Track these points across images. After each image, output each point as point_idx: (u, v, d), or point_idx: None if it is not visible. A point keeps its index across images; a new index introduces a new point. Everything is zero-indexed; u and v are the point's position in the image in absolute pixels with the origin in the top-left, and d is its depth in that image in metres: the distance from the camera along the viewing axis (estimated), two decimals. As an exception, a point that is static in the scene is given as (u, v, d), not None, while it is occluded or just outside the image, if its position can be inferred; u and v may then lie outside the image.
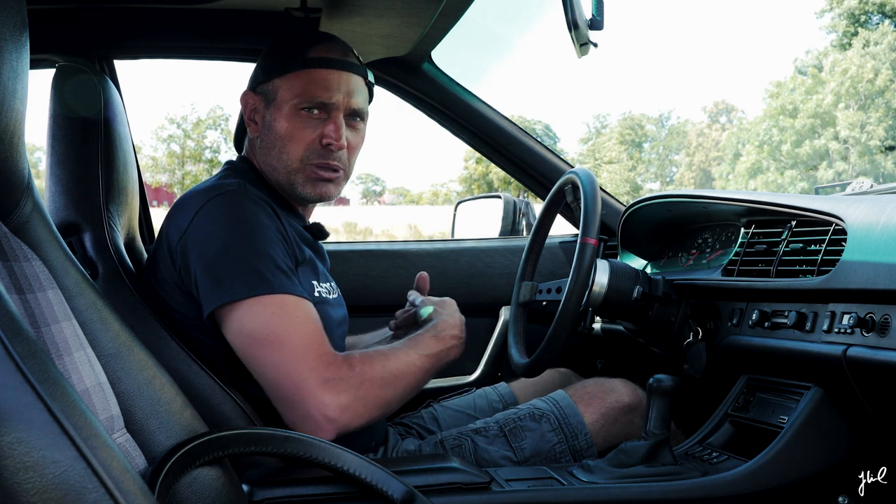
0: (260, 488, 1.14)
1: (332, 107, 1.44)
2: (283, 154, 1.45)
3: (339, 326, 1.51)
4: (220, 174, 1.50)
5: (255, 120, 1.49)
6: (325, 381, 1.25)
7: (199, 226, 1.32)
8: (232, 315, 1.28)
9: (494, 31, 3.79)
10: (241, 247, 1.29)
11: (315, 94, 1.43)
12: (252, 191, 1.38)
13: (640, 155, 40.25)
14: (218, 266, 1.29)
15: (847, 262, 1.23)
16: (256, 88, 1.49)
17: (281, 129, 1.44)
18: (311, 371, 1.25)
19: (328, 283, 1.51)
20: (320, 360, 1.26)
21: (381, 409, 1.33)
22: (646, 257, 2.00)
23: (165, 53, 1.96)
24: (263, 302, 1.27)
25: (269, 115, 1.46)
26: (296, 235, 1.43)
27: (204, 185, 1.43)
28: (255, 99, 1.49)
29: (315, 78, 1.43)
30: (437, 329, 1.46)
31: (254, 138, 1.50)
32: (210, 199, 1.34)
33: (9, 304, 0.61)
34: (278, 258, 1.31)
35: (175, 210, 1.40)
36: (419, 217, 32.71)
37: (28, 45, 0.74)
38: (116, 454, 0.62)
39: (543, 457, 1.49)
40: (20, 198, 0.83)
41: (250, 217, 1.32)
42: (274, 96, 1.46)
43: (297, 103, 1.43)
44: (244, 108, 1.51)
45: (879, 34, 26.23)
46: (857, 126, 25.30)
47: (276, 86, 1.45)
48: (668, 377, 1.33)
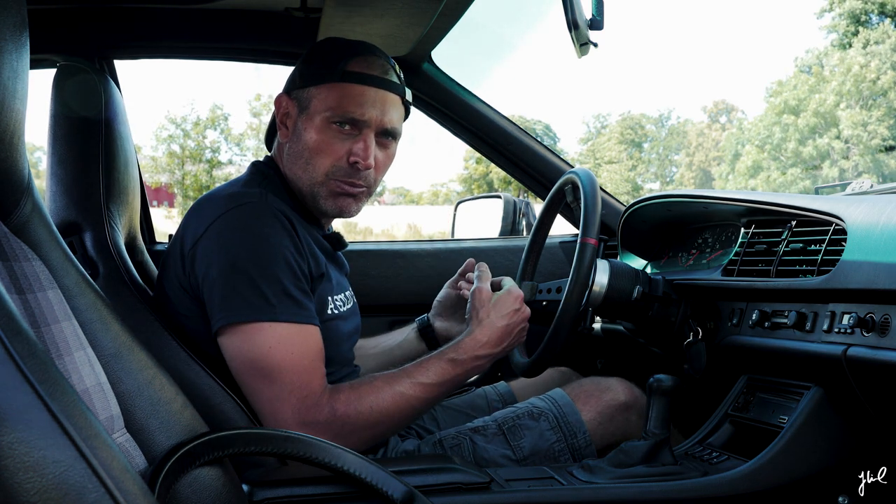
0: (260, 488, 1.14)
1: (364, 124, 1.41)
2: (309, 165, 1.42)
3: (350, 338, 1.50)
4: (245, 178, 1.48)
5: (287, 124, 1.46)
6: (302, 423, 1.27)
7: (214, 236, 1.31)
8: (232, 336, 1.29)
9: (494, 31, 3.75)
10: (251, 266, 1.28)
11: (348, 109, 1.40)
12: (273, 202, 1.36)
13: (640, 155, 40.24)
14: (225, 283, 1.29)
15: (847, 262, 1.23)
16: (291, 93, 1.46)
17: (310, 139, 1.41)
18: (293, 412, 1.27)
19: (343, 294, 1.50)
20: (304, 402, 1.28)
21: (364, 444, 1.33)
22: (646, 257, 2.00)
23: (165, 53, 1.96)
24: (265, 330, 1.27)
25: (300, 123, 1.44)
26: (313, 247, 1.41)
27: (227, 189, 1.42)
28: (288, 103, 1.46)
29: (350, 93, 1.40)
30: (459, 348, 1.40)
31: (283, 142, 1.48)
32: (230, 210, 1.33)
33: (9, 304, 0.61)
34: (287, 282, 1.30)
35: (195, 212, 1.39)
36: (419, 217, 32.69)
37: (28, 45, 0.74)
38: (116, 454, 0.62)
39: (542, 455, 1.49)
40: (20, 198, 0.83)
41: (266, 234, 1.31)
42: (307, 104, 1.43)
43: (329, 116, 1.40)
44: (277, 110, 1.48)
45: (880, 34, 26.22)
46: (860, 125, 25.30)
47: (310, 94, 1.43)
48: (668, 377, 1.33)
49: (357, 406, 1.30)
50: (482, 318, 1.43)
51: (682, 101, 69.80)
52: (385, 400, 1.32)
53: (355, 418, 1.30)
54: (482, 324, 1.42)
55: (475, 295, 1.45)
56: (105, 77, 1.48)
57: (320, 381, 1.31)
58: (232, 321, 1.28)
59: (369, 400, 1.32)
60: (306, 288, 1.35)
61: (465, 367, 1.39)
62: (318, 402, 1.29)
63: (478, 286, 1.47)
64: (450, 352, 1.40)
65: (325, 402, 1.29)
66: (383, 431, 1.36)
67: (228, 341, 1.30)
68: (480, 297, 1.45)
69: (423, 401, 1.36)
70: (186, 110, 41.66)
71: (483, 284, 1.47)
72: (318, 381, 1.31)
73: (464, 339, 1.41)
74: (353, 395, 1.31)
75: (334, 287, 1.46)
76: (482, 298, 1.45)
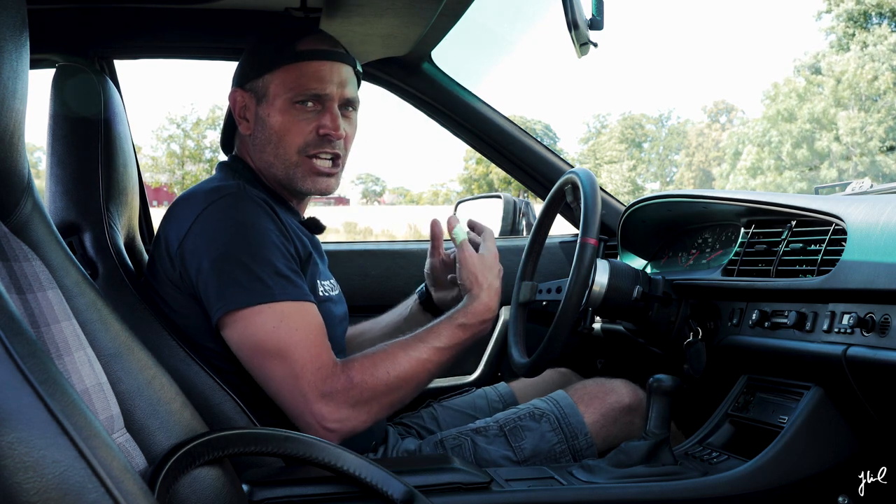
0: (260, 488, 1.14)
1: (327, 98, 1.44)
2: (279, 148, 1.44)
3: (341, 323, 1.51)
4: (217, 176, 1.49)
5: (247, 117, 1.48)
6: (322, 394, 1.27)
7: (200, 231, 1.32)
8: (234, 324, 1.30)
9: (494, 31, 3.78)
10: (242, 253, 1.29)
11: (309, 86, 1.43)
12: (251, 192, 1.38)
13: (640, 155, 40.24)
14: (219, 273, 1.29)
15: (847, 262, 1.23)
16: (245, 85, 1.48)
17: (276, 123, 1.44)
18: (310, 385, 1.27)
19: (329, 280, 1.52)
20: (319, 373, 1.28)
21: (385, 411, 1.35)
22: (646, 257, 2.00)
23: (165, 53, 1.96)
24: (265, 311, 1.28)
25: (261, 112, 1.45)
26: (297, 231, 1.43)
27: (202, 187, 1.43)
28: (244, 96, 1.48)
29: (307, 70, 1.43)
30: (468, 313, 1.42)
31: (246, 136, 1.49)
32: (211, 203, 1.34)
33: (9, 304, 0.61)
34: (279, 263, 1.31)
35: (173, 212, 1.39)
36: (419, 217, 32.70)
37: (28, 45, 0.74)
38: (116, 454, 0.62)
39: (543, 456, 1.49)
40: (20, 198, 0.83)
41: (251, 221, 1.32)
42: (265, 92, 1.45)
43: (292, 97, 1.43)
44: (233, 106, 1.50)
45: (878, 35, 26.21)
46: (858, 127, 25.30)
47: (266, 81, 1.45)
48: (668, 377, 1.33)
49: (373, 372, 1.31)
50: (483, 282, 1.45)
51: (682, 101, 69.91)
52: (402, 364, 1.34)
53: (373, 384, 1.31)
54: (488, 288, 1.45)
55: (468, 262, 1.46)
56: (104, 77, 1.48)
57: (329, 354, 1.32)
58: (231, 308, 1.29)
59: (385, 366, 1.33)
60: (297, 268, 1.36)
61: (473, 330, 1.42)
62: (332, 371, 1.29)
63: (467, 252, 1.47)
64: (459, 316, 1.42)
65: (340, 372, 1.30)
66: (402, 397, 1.36)
67: (231, 330, 1.30)
68: (475, 262, 1.46)
69: (436, 364, 1.38)
70: (187, 110, 41.70)
71: (469, 249, 1.48)
72: (327, 353, 1.31)
73: (472, 304, 1.43)
74: (367, 363, 1.32)
75: (321, 272, 1.48)
76: (476, 263, 1.46)
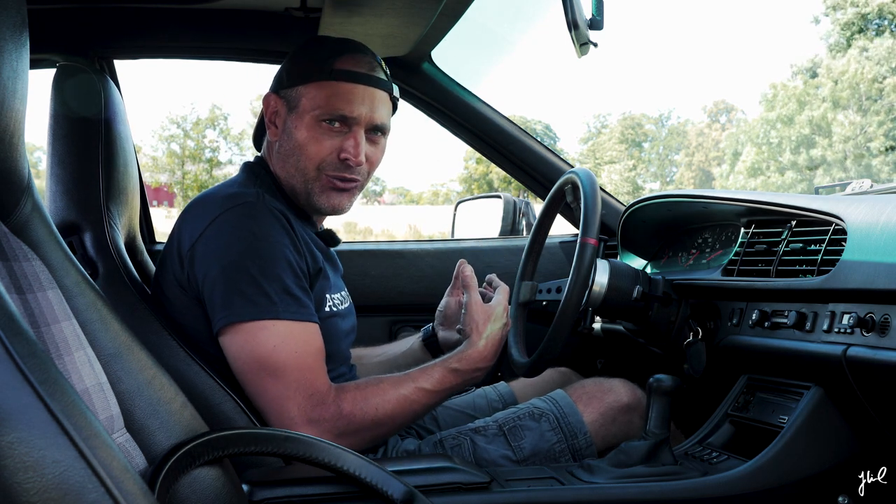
0: (260, 488, 1.14)
1: (354, 121, 1.42)
2: (299, 163, 1.43)
3: (347, 336, 1.51)
4: (238, 178, 1.48)
5: (276, 123, 1.47)
6: (309, 420, 1.28)
7: (213, 236, 1.32)
8: (234, 335, 1.30)
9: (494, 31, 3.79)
10: (252, 265, 1.29)
11: (337, 106, 1.41)
12: (269, 201, 1.37)
13: (640, 155, 40.23)
14: (227, 282, 1.29)
15: (847, 262, 1.23)
16: (279, 92, 1.47)
17: (300, 137, 1.42)
18: (299, 409, 1.28)
19: (339, 293, 1.51)
20: (310, 399, 1.28)
21: (365, 444, 1.35)
22: (646, 257, 2.00)
23: (165, 53, 1.96)
24: (268, 328, 1.28)
25: (290, 122, 1.44)
26: (311, 244, 1.42)
27: (223, 190, 1.43)
28: (277, 102, 1.47)
29: (339, 90, 1.41)
30: (462, 359, 1.42)
31: (273, 141, 1.49)
32: (227, 210, 1.33)
33: (9, 304, 0.61)
34: (288, 280, 1.31)
35: (189, 213, 1.39)
36: (419, 217, 32.72)
37: (28, 45, 0.74)
38: (116, 454, 0.62)
39: (543, 456, 1.49)
40: (20, 198, 0.83)
41: (265, 233, 1.32)
42: (296, 103, 1.44)
43: (319, 114, 1.41)
44: (266, 109, 1.49)
45: (876, 39, 26.21)
46: (856, 129, 25.30)
47: (299, 93, 1.43)
48: (668, 377, 1.33)
49: (363, 406, 1.32)
50: (483, 332, 1.45)
51: (682, 101, 69.90)
52: (390, 402, 1.34)
53: (360, 418, 1.31)
54: (487, 338, 1.44)
55: (473, 309, 1.46)
56: (105, 77, 1.48)
57: (325, 379, 1.32)
58: (234, 320, 1.29)
59: (374, 401, 1.33)
60: (306, 286, 1.36)
61: (464, 376, 1.42)
62: (324, 399, 1.30)
63: (473, 299, 1.47)
64: (453, 361, 1.42)
65: (332, 400, 1.30)
66: (384, 433, 1.37)
67: (231, 341, 1.30)
68: (478, 310, 1.46)
69: (423, 405, 1.39)
70: (187, 110, 41.72)
71: (476, 296, 1.48)
72: (323, 378, 1.32)
73: (468, 350, 1.43)
74: (359, 396, 1.32)
75: (331, 285, 1.47)
76: (480, 312, 1.46)
